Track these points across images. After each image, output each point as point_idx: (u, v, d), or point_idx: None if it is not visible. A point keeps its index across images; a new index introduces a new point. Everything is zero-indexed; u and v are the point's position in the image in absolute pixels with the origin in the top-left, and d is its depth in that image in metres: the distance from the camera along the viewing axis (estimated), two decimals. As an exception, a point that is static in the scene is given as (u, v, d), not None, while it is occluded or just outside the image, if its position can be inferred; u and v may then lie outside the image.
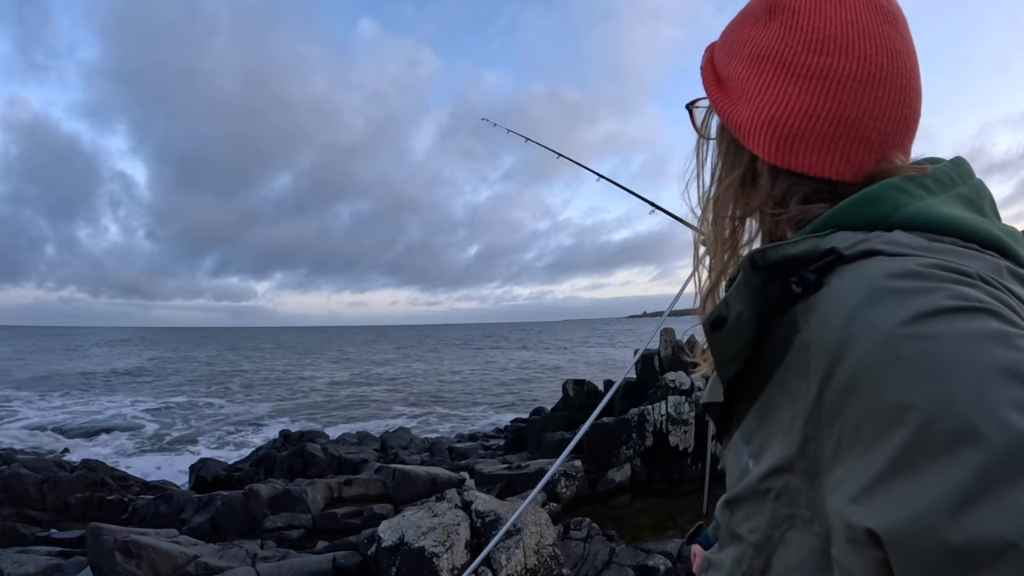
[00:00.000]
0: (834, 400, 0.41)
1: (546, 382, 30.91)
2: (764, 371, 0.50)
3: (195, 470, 10.60)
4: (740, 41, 0.59)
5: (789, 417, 0.46)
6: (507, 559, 3.94)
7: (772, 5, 0.56)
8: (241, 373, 41.85)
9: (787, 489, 0.47)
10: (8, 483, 8.33)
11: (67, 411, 22.49)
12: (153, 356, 62.02)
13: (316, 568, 4.63)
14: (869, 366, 0.39)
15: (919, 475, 0.35)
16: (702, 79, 0.63)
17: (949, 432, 0.34)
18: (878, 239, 0.46)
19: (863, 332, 0.40)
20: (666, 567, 4.76)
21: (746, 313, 0.49)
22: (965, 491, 0.33)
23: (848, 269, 0.45)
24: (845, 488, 0.39)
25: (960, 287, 0.40)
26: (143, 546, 4.64)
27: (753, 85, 0.56)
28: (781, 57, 0.54)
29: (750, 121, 0.55)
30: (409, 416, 21.45)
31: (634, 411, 7.71)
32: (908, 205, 0.49)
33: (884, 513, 0.36)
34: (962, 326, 0.37)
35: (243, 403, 25.79)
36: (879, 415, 0.37)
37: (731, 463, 0.57)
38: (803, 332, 0.46)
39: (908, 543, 0.35)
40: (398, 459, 10.48)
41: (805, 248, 0.48)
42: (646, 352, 9.18)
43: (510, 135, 3.28)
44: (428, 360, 54.23)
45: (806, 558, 0.45)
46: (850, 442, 0.40)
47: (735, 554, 0.55)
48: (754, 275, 0.49)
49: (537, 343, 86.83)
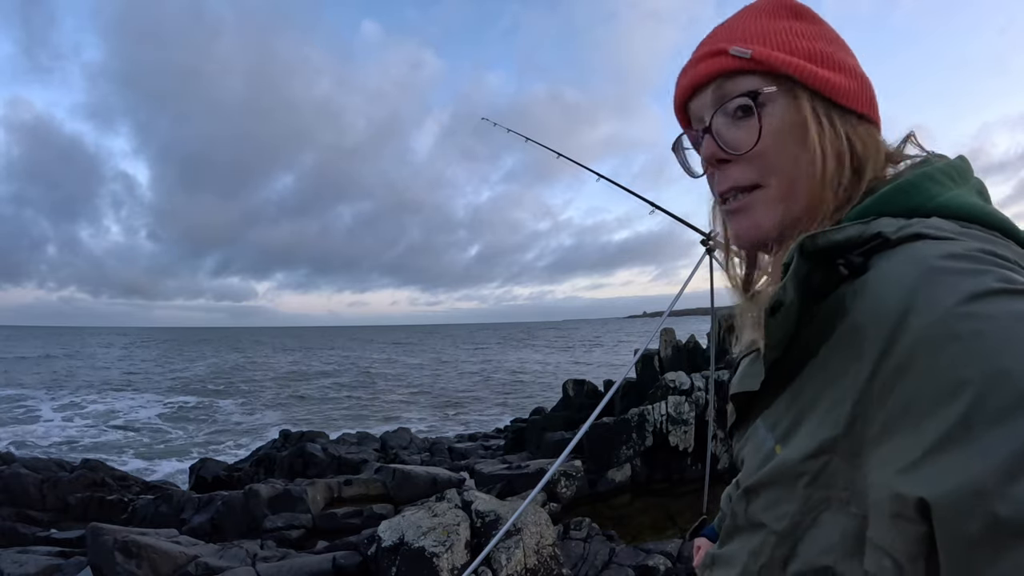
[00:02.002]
0: (888, 377, 0.42)
1: (546, 382, 30.91)
2: (802, 356, 0.51)
3: (195, 470, 10.60)
4: (793, 31, 0.61)
5: (832, 398, 0.47)
6: (507, 559, 3.94)
7: (801, 9, 0.63)
8: (245, 373, 41.86)
9: (825, 471, 0.47)
10: (8, 483, 8.33)
11: (82, 412, 22.50)
12: (156, 356, 62.02)
13: (316, 568, 4.63)
14: (927, 343, 0.40)
15: (972, 445, 0.36)
16: (773, 64, 0.58)
17: (1003, 404, 0.36)
18: (921, 224, 0.48)
19: (919, 310, 0.41)
20: (666, 567, 4.76)
21: (794, 298, 0.50)
22: (1017, 460, 0.34)
23: (898, 252, 0.46)
24: (895, 461, 0.40)
25: (1005, 271, 0.42)
26: (143, 546, 4.64)
27: (837, 60, 0.60)
28: (839, 41, 0.62)
29: (849, 85, 0.59)
30: (409, 416, 21.46)
31: (634, 411, 7.70)
32: (941, 195, 0.52)
33: (935, 482, 0.37)
34: (1013, 307, 0.39)
35: (248, 403, 25.81)
36: (935, 390, 0.39)
37: (751, 451, 0.57)
38: (852, 314, 0.46)
39: (958, 511, 0.36)
40: (398, 459, 10.48)
41: (851, 234, 0.49)
42: (646, 352, 9.19)
43: (511, 136, 3.27)
44: (428, 360, 54.21)
45: (837, 542, 0.46)
46: (902, 418, 0.41)
47: (753, 545, 0.54)
48: (804, 261, 0.50)
49: (537, 343, 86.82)
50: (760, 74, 0.58)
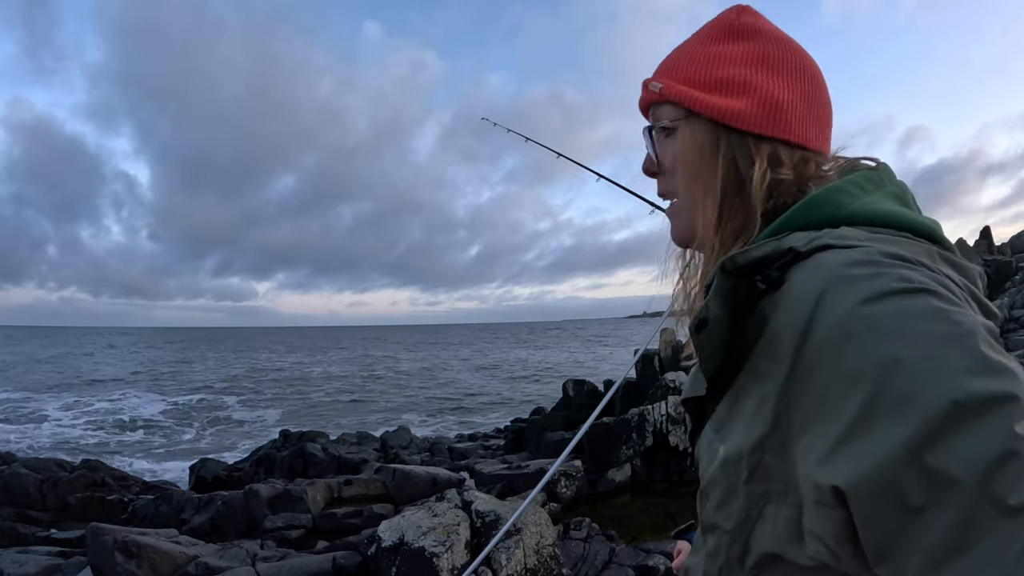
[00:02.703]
0: (802, 377, 0.47)
1: (546, 382, 30.91)
2: (736, 364, 0.55)
3: (195, 470, 10.60)
4: (712, 56, 0.66)
5: (759, 398, 0.51)
6: (507, 559, 3.94)
7: (737, 28, 0.67)
8: (247, 373, 41.89)
9: (760, 466, 0.51)
10: (8, 483, 8.34)
11: (84, 412, 22.50)
12: (158, 356, 62.05)
13: (316, 568, 4.63)
14: (828, 343, 0.45)
15: (874, 433, 0.41)
16: (674, 96, 0.65)
17: (897, 393, 0.40)
18: (828, 235, 0.52)
19: (822, 315, 0.46)
20: (666, 567, 4.76)
21: (721, 314, 0.54)
22: (914, 442, 0.39)
23: (806, 264, 0.51)
24: (812, 453, 0.45)
25: (903, 270, 0.46)
26: (143, 546, 4.64)
27: (752, 82, 0.63)
28: (770, 59, 0.65)
29: (758, 109, 0.62)
30: (409, 416, 21.46)
31: (634, 411, 7.70)
32: (851, 204, 0.56)
33: (846, 470, 0.41)
34: (906, 305, 0.43)
35: (251, 403, 25.84)
36: (837, 385, 0.44)
37: (704, 456, 0.60)
38: (771, 322, 0.51)
39: (867, 495, 0.40)
40: (398, 459, 10.48)
41: (767, 250, 0.54)
42: (646, 352, 9.19)
43: (512, 136, 3.26)
44: (428, 359, 54.22)
45: (782, 532, 0.49)
46: (815, 412, 0.45)
47: (710, 548, 0.57)
48: (725, 279, 0.54)
49: (537, 343, 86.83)
50: (673, 104, 0.66)
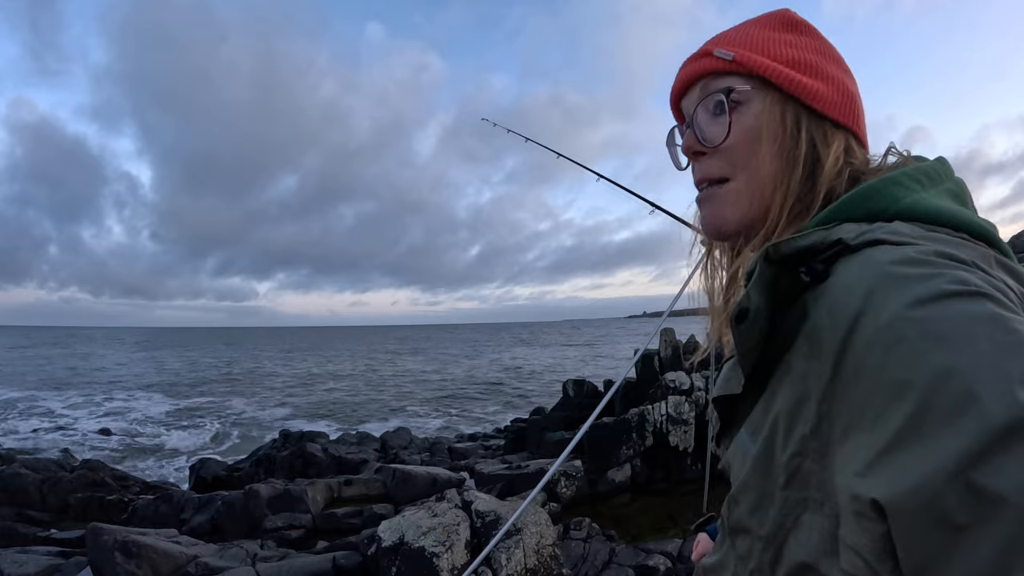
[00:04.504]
0: (845, 381, 0.44)
1: (546, 382, 30.90)
2: (774, 361, 0.52)
3: (195, 470, 10.59)
4: (782, 40, 0.64)
5: (799, 399, 0.48)
6: (507, 559, 3.94)
7: (797, 23, 0.66)
8: (248, 373, 41.88)
9: (798, 473, 0.48)
10: (8, 483, 8.33)
11: (86, 411, 22.49)
12: (159, 356, 62.05)
13: (316, 568, 4.63)
14: (875, 347, 0.41)
15: (920, 446, 0.37)
16: (753, 66, 0.61)
17: (948, 405, 0.37)
18: (881, 229, 0.49)
19: (870, 316, 0.42)
20: (666, 567, 4.76)
21: (763, 304, 0.51)
22: (964, 458, 0.35)
23: (855, 258, 0.47)
24: (853, 463, 0.42)
25: (960, 272, 0.42)
26: (143, 546, 4.64)
27: (819, 69, 0.62)
28: (830, 54, 0.65)
29: (833, 94, 0.61)
30: (410, 415, 21.46)
31: (634, 411, 7.70)
32: (906, 198, 0.52)
33: (888, 483, 0.38)
34: (962, 309, 0.40)
35: (252, 402, 25.84)
36: (884, 393, 0.40)
37: (736, 459, 0.58)
38: (812, 318, 0.48)
39: (909, 512, 0.37)
40: (398, 459, 10.48)
41: (814, 240, 0.50)
42: (646, 352, 9.19)
43: (513, 137, 3.27)
44: (428, 359, 54.22)
45: (818, 542, 0.47)
46: (858, 420, 0.42)
47: (741, 551, 0.55)
48: (767, 268, 0.51)
49: (537, 342, 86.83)
50: (740, 75, 0.62)
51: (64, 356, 59.89)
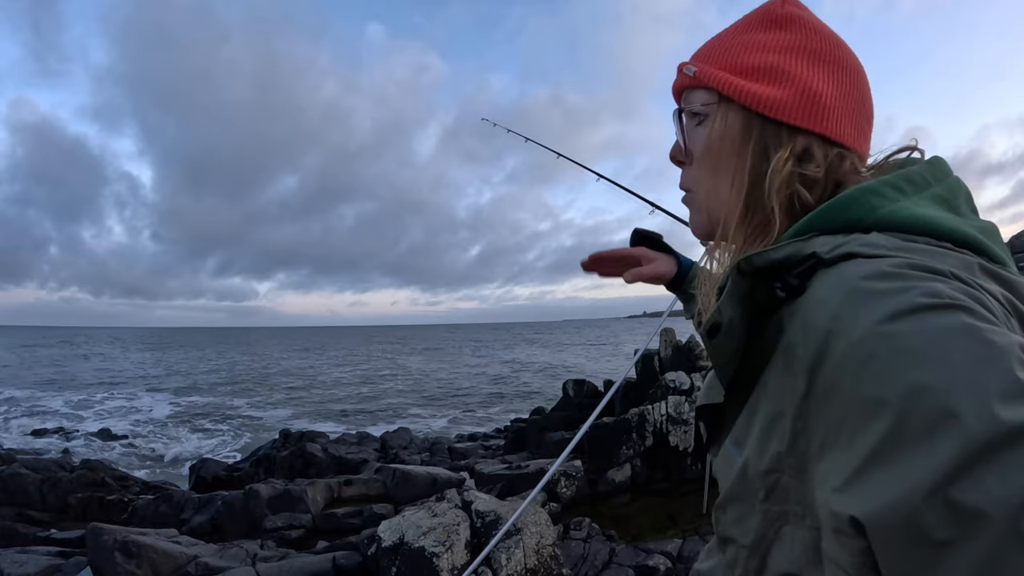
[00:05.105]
0: (819, 397, 0.43)
1: (546, 382, 30.90)
2: (752, 373, 0.52)
3: (195, 470, 10.59)
4: (751, 44, 0.62)
5: (775, 414, 0.48)
6: (507, 559, 3.94)
7: (778, 18, 0.63)
8: (249, 372, 41.89)
9: (777, 487, 0.48)
10: (8, 483, 8.33)
11: (87, 411, 22.49)
12: (160, 356, 62.05)
13: (316, 568, 4.63)
14: (847, 365, 0.41)
15: (897, 464, 0.37)
16: (707, 81, 0.61)
17: (923, 422, 0.36)
18: (855, 242, 0.48)
19: (842, 333, 0.42)
20: (666, 567, 4.76)
21: (736, 317, 0.51)
22: (942, 475, 0.35)
23: (828, 273, 0.47)
24: (830, 480, 0.42)
25: (933, 284, 0.41)
26: (143, 546, 4.64)
27: (791, 71, 0.59)
28: (811, 49, 0.60)
29: (795, 99, 0.58)
30: (409, 415, 21.46)
31: (634, 411, 7.70)
32: (883, 207, 0.51)
33: (866, 501, 0.38)
34: (934, 322, 0.39)
35: (254, 402, 25.85)
36: (858, 410, 0.40)
37: (723, 469, 0.58)
38: (787, 334, 0.48)
39: (888, 528, 0.37)
40: (398, 459, 10.48)
41: (788, 252, 0.50)
42: (646, 352, 9.18)
43: (514, 137, 3.27)
44: (428, 359, 54.22)
45: (799, 554, 0.47)
46: (834, 437, 0.42)
47: (727, 558, 0.56)
48: (741, 280, 0.51)
49: (537, 342, 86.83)
50: (707, 89, 0.62)
51: (65, 356, 59.89)
